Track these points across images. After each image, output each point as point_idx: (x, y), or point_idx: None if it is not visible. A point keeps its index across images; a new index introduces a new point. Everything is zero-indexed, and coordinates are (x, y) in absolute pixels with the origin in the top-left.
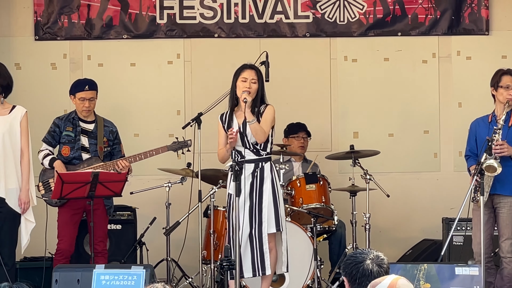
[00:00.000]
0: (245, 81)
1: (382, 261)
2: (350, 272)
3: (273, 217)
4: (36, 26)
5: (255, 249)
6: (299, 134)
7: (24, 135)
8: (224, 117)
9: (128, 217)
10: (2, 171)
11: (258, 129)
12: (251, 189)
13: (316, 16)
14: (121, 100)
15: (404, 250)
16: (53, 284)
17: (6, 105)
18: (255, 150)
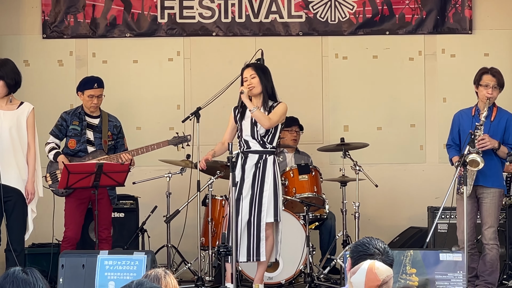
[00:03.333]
0: (246, 81)
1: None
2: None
3: (272, 207)
4: (44, 25)
5: (252, 236)
6: (292, 127)
7: (30, 130)
8: (238, 110)
9: (131, 205)
10: (13, 162)
11: (261, 116)
12: (254, 179)
13: (309, 15)
14: (124, 95)
15: (391, 237)
16: (60, 269)
17: (14, 101)
18: (261, 142)
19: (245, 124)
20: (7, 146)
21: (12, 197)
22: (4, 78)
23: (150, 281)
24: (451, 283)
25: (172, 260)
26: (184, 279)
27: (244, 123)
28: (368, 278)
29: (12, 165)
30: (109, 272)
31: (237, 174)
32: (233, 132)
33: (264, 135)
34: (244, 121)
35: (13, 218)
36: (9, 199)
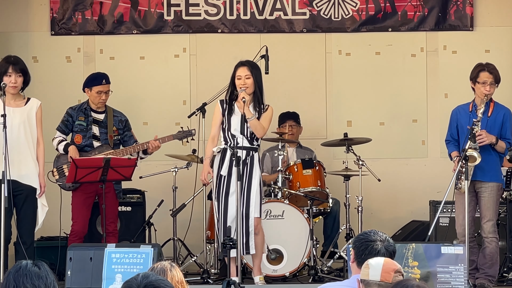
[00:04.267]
0: (240, 79)
1: (390, 246)
2: (359, 246)
3: (258, 203)
4: (52, 22)
5: (240, 230)
6: (286, 123)
7: (39, 125)
8: (225, 104)
9: (138, 199)
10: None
11: (257, 125)
12: (242, 174)
13: (313, 13)
14: (131, 91)
15: (393, 231)
16: (68, 261)
17: (23, 98)
18: (249, 139)
19: (234, 119)
20: (19, 142)
21: (23, 191)
22: (25, 74)
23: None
24: (453, 276)
25: (178, 253)
26: (190, 272)
27: (233, 118)
28: (386, 261)
29: (24, 160)
30: (116, 265)
31: (224, 168)
32: (220, 125)
33: (252, 134)
34: (233, 116)
35: (24, 211)
36: (19, 193)
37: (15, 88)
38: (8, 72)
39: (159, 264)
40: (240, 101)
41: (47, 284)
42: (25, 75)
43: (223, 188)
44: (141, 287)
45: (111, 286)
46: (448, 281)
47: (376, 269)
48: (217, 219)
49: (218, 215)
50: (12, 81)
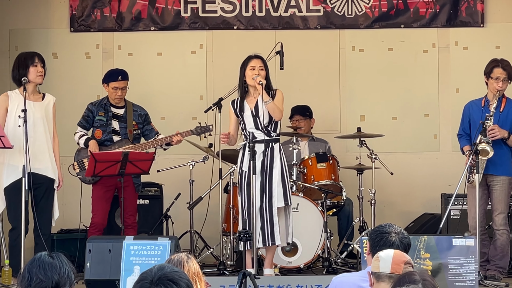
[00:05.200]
0: (254, 69)
1: (405, 238)
2: (374, 238)
3: (281, 192)
4: (72, 19)
5: (265, 222)
6: (294, 117)
7: (54, 120)
8: (236, 104)
9: (155, 193)
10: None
11: (275, 108)
12: (262, 167)
13: (326, 9)
14: (149, 87)
15: (406, 223)
16: (87, 253)
17: (39, 93)
18: (266, 131)
19: (246, 116)
20: (40, 136)
21: (43, 184)
22: (45, 68)
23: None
24: (464, 267)
25: (195, 245)
26: (206, 264)
27: (245, 115)
28: (396, 253)
29: (45, 154)
30: (134, 256)
31: (245, 163)
32: (237, 125)
33: (267, 125)
34: (245, 114)
35: (43, 204)
36: (39, 186)
37: (41, 77)
38: (35, 62)
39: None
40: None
41: (60, 274)
42: (45, 67)
43: (245, 182)
44: (156, 279)
45: (129, 277)
46: (459, 273)
47: (386, 262)
48: (241, 213)
49: (242, 210)
50: (39, 70)
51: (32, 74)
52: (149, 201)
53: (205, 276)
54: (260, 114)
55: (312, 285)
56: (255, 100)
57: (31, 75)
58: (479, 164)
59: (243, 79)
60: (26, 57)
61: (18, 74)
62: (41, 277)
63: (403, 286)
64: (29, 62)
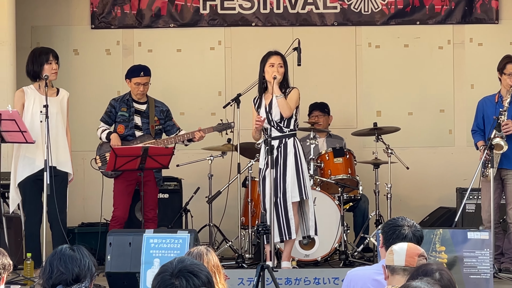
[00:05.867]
0: (273, 66)
1: (417, 231)
2: (387, 231)
3: (296, 187)
4: (92, 16)
5: (281, 216)
6: (313, 113)
7: (68, 115)
8: (256, 100)
9: (175, 187)
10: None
11: (284, 104)
12: (276, 162)
13: (343, 6)
14: (168, 83)
15: (422, 217)
16: (108, 246)
17: (53, 88)
18: (278, 128)
19: (261, 112)
20: (56, 130)
21: (59, 177)
22: (58, 64)
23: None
24: (479, 260)
25: (214, 238)
26: (225, 257)
27: (260, 111)
28: (410, 246)
29: (61, 148)
30: (154, 249)
31: (261, 160)
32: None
33: (279, 121)
34: (260, 110)
35: (58, 196)
36: (56, 179)
37: (56, 74)
38: (50, 59)
39: (196, 249)
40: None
41: (81, 267)
42: (59, 63)
43: (262, 178)
44: (176, 271)
45: (149, 270)
46: (474, 265)
47: (400, 255)
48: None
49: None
50: (53, 68)
51: (46, 71)
52: (168, 195)
53: (224, 268)
54: (273, 110)
55: (329, 278)
56: (270, 97)
57: (46, 73)
58: (493, 159)
59: (262, 75)
60: (40, 53)
61: (32, 70)
62: (61, 270)
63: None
64: (44, 60)
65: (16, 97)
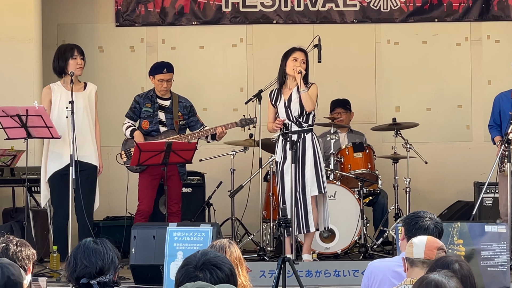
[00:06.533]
0: (296, 61)
1: (438, 223)
2: (409, 222)
3: (315, 181)
4: (117, 14)
5: (299, 210)
6: (335, 110)
7: (96, 108)
8: (273, 94)
9: (198, 181)
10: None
11: (308, 98)
12: (295, 157)
13: (363, 4)
14: (191, 79)
15: (440, 210)
16: (132, 240)
17: (80, 83)
18: (297, 123)
19: (280, 107)
20: (83, 124)
21: (85, 170)
22: (84, 59)
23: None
24: (496, 253)
25: (236, 231)
26: (247, 250)
27: (279, 106)
28: (429, 239)
29: (88, 142)
30: (177, 243)
31: (278, 154)
32: (275, 115)
33: (298, 116)
34: (279, 104)
35: (85, 190)
36: (81, 173)
37: (81, 69)
38: (74, 55)
39: (218, 242)
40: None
41: (104, 260)
42: (84, 58)
43: (279, 172)
44: (200, 263)
45: (172, 262)
46: (492, 258)
47: (419, 247)
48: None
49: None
50: (78, 63)
51: (71, 66)
52: (191, 189)
53: (246, 261)
54: (292, 105)
55: (349, 270)
56: (290, 92)
57: (71, 68)
58: (510, 154)
59: (284, 68)
60: (65, 49)
61: (58, 66)
62: (85, 263)
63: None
64: (68, 55)
65: (43, 94)
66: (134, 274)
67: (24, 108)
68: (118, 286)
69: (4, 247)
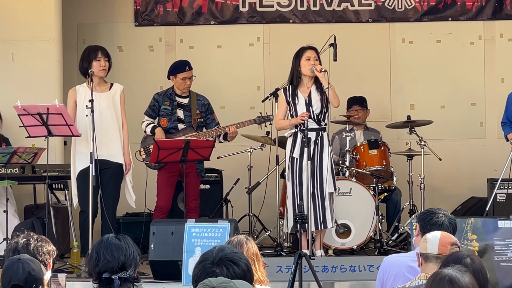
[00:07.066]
0: (309, 60)
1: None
2: (424, 218)
3: (331, 179)
4: (136, 14)
5: (317, 206)
6: (352, 107)
7: (123, 108)
8: (288, 93)
9: (216, 178)
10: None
11: (335, 94)
12: (313, 154)
13: (378, 4)
14: (209, 78)
15: (454, 206)
16: (151, 236)
17: (106, 83)
18: (317, 120)
19: (300, 105)
20: (106, 124)
21: (110, 168)
22: (110, 60)
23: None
24: (509, 248)
25: (253, 227)
26: (264, 245)
27: (298, 104)
28: (443, 235)
29: (111, 141)
30: (196, 238)
31: (296, 150)
32: (286, 112)
33: (318, 114)
34: (298, 102)
35: (109, 187)
36: (105, 171)
37: (104, 71)
38: (98, 56)
39: (236, 238)
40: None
41: (126, 255)
42: (110, 60)
43: (296, 168)
44: (217, 259)
45: (191, 258)
46: (505, 253)
47: (433, 243)
48: (292, 198)
49: (292, 194)
50: (102, 65)
51: (95, 68)
52: (209, 186)
53: (263, 257)
54: (313, 103)
55: (365, 266)
56: (308, 90)
57: (94, 69)
58: None
59: (298, 69)
60: (90, 51)
61: (82, 68)
62: (108, 258)
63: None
64: (92, 57)
65: (68, 95)
66: (153, 270)
67: (45, 107)
68: (138, 282)
69: (25, 242)
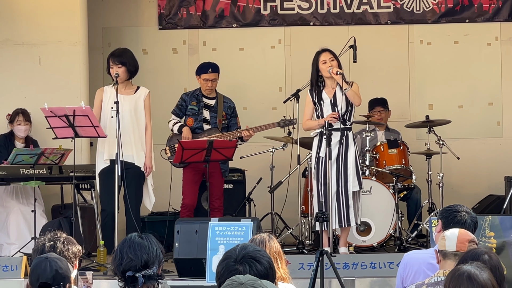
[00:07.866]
0: (326, 62)
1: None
2: (447, 216)
3: (356, 178)
4: (160, 17)
5: (341, 204)
6: (375, 109)
7: (147, 111)
8: (314, 93)
9: (239, 177)
10: (133, 141)
11: (355, 94)
12: (338, 154)
13: (396, 6)
14: (232, 79)
15: (472, 204)
16: (176, 234)
17: (132, 86)
18: (342, 120)
19: (325, 105)
20: (128, 127)
21: (128, 170)
22: (126, 64)
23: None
24: None
25: (275, 226)
26: (286, 243)
27: (324, 104)
28: (461, 232)
29: (132, 144)
30: (219, 237)
31: (322, 150)
32: (313, 112)
33: (344, 114)
34: (324, 103)
35: (131, 189)
36: (128, 172)
37: (119, 77)
38: (111, 65)
39: (259, 236)
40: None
41: (149, 254)
42: (126, 65)
43: (322, 168)
44: (240, 257)
45: (215, 256)
46: None
47: (451, 240)
48: (317, 196)
49: (317, 193)
50: (115, 71)
51: (112, 73)
52: (233, 185)
53: (285, 254)
54: (339, 103)
55: (385, 263)
56: (333, 91)
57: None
58: None
59: (318, 73)
60: (107, 59)
61: (108, 70)
62: (131, 257)
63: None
64: (108, 66)
65: (96, 94)
66: (178, 267)
67: (71, 109)
68: (162, 279)
69: (52, 245)
